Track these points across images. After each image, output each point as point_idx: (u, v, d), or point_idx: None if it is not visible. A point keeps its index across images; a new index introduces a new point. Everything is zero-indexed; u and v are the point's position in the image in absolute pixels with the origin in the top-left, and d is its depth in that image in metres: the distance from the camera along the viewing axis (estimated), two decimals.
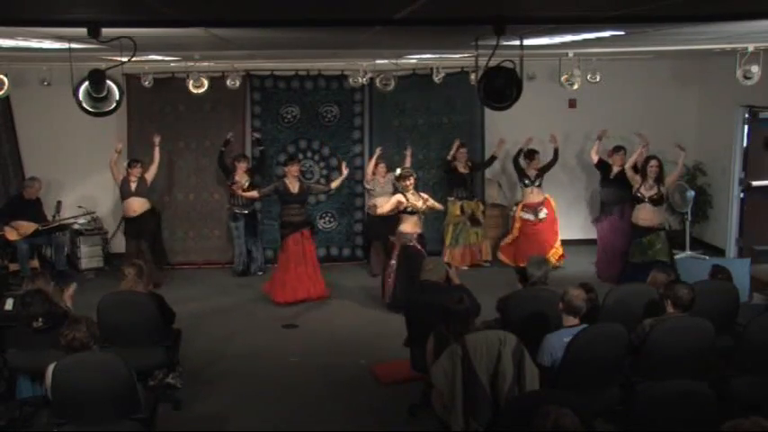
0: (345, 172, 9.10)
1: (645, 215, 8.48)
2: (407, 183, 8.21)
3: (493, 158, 10.43)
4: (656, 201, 8.46)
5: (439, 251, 10.16)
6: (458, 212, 10.08)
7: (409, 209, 8.17)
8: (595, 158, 9.64)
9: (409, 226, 8.23)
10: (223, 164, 9.93)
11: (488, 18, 3.78)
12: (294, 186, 8.62)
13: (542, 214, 10.02)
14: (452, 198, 10.10)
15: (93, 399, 4.50)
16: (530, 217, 10.02)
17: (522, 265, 7.06)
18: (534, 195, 10.03)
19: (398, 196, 8.30)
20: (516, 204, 10.37)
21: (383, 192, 9.60)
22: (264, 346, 7.56)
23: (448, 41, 6.28)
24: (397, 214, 8.32)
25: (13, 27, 4.09)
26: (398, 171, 8.55)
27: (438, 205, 8.62)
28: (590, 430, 3.43)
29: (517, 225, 10.12)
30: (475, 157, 10.44)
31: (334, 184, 9.23)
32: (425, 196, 8.41)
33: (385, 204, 8.58)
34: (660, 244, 8.46)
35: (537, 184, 10.01)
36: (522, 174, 10.08)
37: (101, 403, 4.53)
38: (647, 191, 8.47)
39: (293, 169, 8.71)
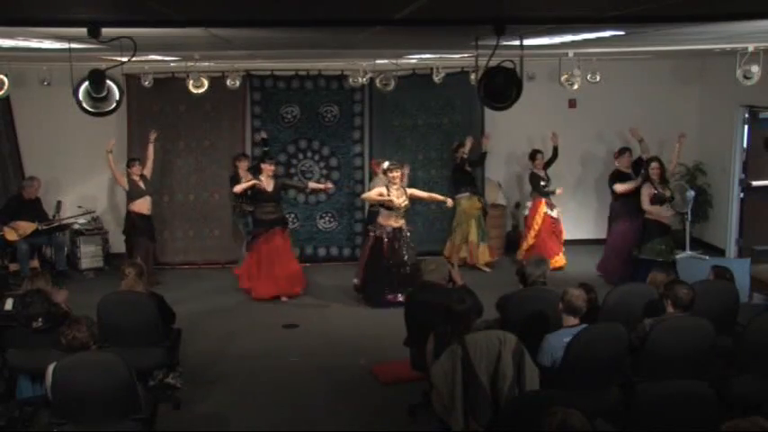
0: (328, 188, 9.26)
1: (666, 214, 8.56)
2: (393, 175, 8.29)
3: (484, 155, 10.39)
4: (671, 199, 8.62)
5: (440, 251, 10.16)
6: (478, 205, 10.03)
7: (387, 204, 8.25)
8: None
9: (384, 219, 8.35)
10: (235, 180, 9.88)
11: (488, 18, 3.78)
12: (269, 185, 8.66)
13: (556, 212, 10.00)
14: (467, 194, 9.97)
15: (93, 399, 4.50)
16: (550, 212, 9.97)
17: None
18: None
19: (382, 188, 8.40)
20: (528, 204, 10.22)
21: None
22: (264, 346, 7.56)
23: (448, 41, 6.28)
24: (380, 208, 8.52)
25: (13, 27, 4.09)
26: (386, 164, 8.64)
27: (424, 194, 8.73)
28: (590, 430, 3.43)
29: (539, 220, 9.92)
30: (474, 157, 10.41)
31: (311, 184, 9.31)
32: (411, 191, 8.48)
33: (370, 192, 8.74)
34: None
35: (549, 183, 9.97)
36: (537, 178, 9.95)
37: (101, 403, 4.53)
38: (663, 191, 8.50)
39: (268, 168, 8.72)
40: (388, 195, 8.29)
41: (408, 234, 8.57)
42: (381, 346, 7.26)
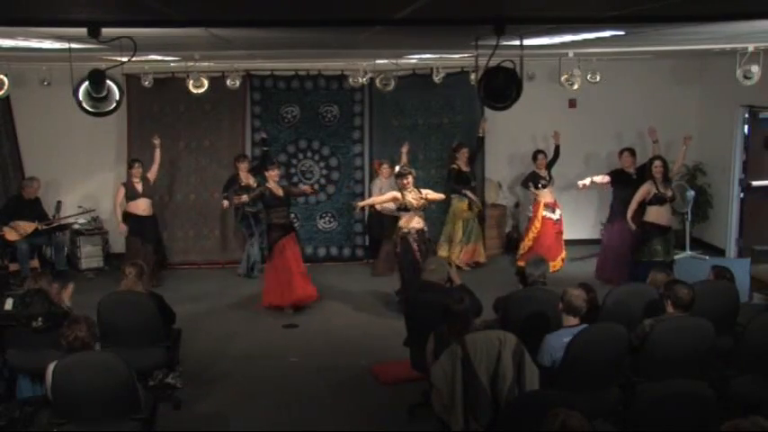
0: (310, 191, 9.25)
1: (667, 214, 8.52)
2: (405, 181, 8.28)
3: (481, 140, 10.35)
4: (672, 199, 8.60)
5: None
6: (466, 208, 10.03)
7: (403, 206, 8.25)
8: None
9: (406, 221, 8.32)
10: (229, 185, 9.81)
11: (488, 18, 3.78)
12: (278, 190, 8.62)
13: (558, 214, 10.00)
14: (458, 195, 9.98)
15: (93, 399, 4.50)
16: (550, 215, 9.93)
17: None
18: (548, 196, 9.97)
19: (395, 192, 8.38)
20: (533, 204, 10.14)
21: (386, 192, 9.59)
22: (264, 346, 7.56)
23: (448, 41, 6.29)
24: (398, 212, 8.42)
25: (13, 27, 4.09)
26: (397, 169, 8.64)
27: (438, 196, 8.68)
28: (590, 430, 3.44)
29: (537, 225, 9.89)
30: (473, 162, 10.36)
31: (306, 188, 9.28)
32: (426, 192, 8.47)
33: (380, 196, 8.67)
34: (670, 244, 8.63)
35: (551, 183, 9.97)
36: (536, 177, 9.89)
37: (101, 403, 4.53)
38: (666, 190, 8.48)
39: (273, 174, 8.66)
40: (403, 198, 8.23)
41: (429, 238, 8.51)
42: (381, 346, 7.26)
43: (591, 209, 11.17)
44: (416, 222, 8.28)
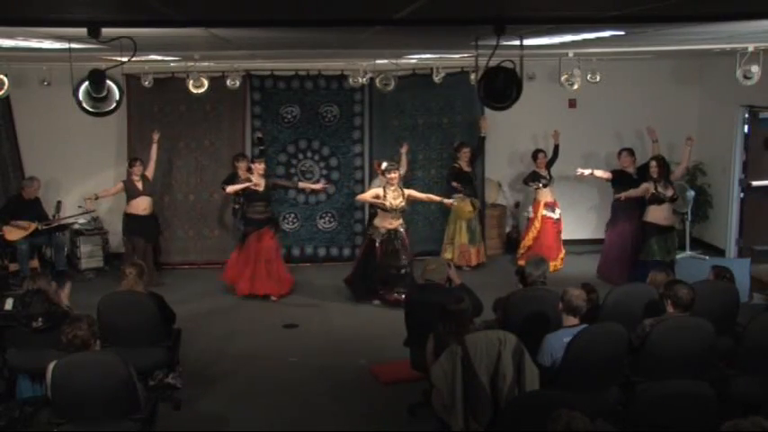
0: (320, 186, 9.36)
1: (665, 214, 8.53)
2: (390, 176, 8.31)
3: (482, 140, 10.35)
4: (673, 199, 8.60)
5: (438, 251, 10.16)
6: (470, 209, 10.04)
7: (383, 205, 8.30)
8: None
9: (379, 220, 8.38)
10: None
11: (488, 18, 3.78)
12: (260, 184, 8.66)
13: (557, 214, 10.00)
14: (460, 195, 9.97)
15: (93, 398, 4.50)
16: (550, 215, 9.96)
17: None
18: (548, 195, 9.99)
19: (378, 189, 8.43)
20: (533, 203, 10.21)
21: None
22: (264, 346, 7.56)
23: (448, 41, 6.28)
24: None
25: (13, 27, 4.09)
26: (384, 164, 8.65)
27: (423, 196, 8.68)
28: (590, 430, 3.44)
29: (537, 225, 9.94)
30: (474, 161, 10.36)
31: (301, 184, 9.38)
32: (409, 192, 8.49)
33: (365, 194, 8.77)
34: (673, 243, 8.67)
35: (551, 182, 9.98)
36: (536, 176, 9.93)
37: (101, 403, 4.53)
38: (665, 190, 8.48)
39: (259, 167, 8.74)
40: (384, 197, 8.28)
41: (404, 234, 8.56)
42: (381, 346, 7.26)
43: (591, 209, 11.17)
44: (389, 223, 8.35)
